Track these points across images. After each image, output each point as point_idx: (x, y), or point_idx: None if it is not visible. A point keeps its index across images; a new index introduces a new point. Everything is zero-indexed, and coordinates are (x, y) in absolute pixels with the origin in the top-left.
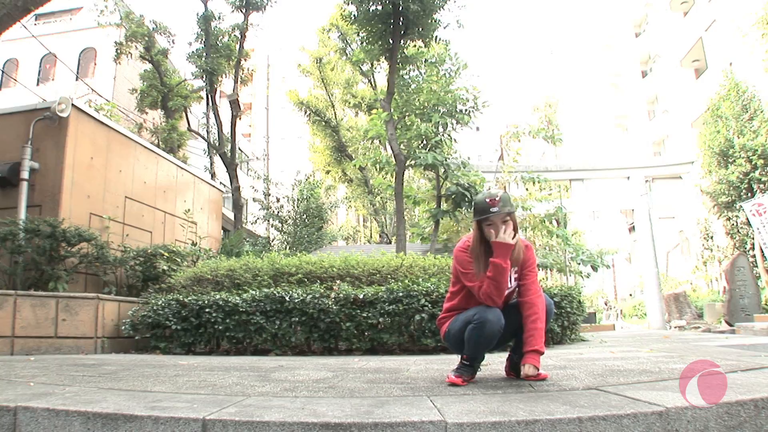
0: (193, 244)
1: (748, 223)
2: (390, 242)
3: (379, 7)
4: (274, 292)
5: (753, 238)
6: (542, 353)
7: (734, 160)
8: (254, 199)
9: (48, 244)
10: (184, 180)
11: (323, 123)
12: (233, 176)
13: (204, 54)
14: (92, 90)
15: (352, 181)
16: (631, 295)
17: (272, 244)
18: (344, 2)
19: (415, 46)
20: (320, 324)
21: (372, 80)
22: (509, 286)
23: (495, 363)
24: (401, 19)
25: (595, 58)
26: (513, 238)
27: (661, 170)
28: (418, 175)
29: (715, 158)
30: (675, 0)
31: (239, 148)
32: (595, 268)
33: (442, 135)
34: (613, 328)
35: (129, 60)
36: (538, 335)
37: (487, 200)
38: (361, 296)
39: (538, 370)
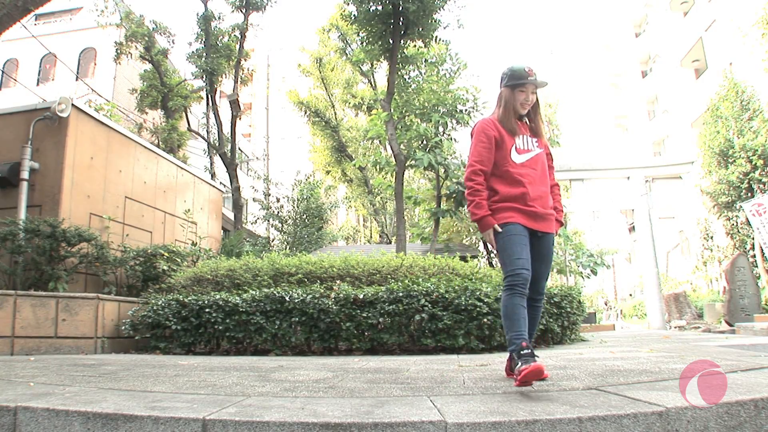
0: (193, 244)
1: (748, 223)
2: (390, 242)
3: (379, 7)
4: (274, 292)
5: (753, 238)
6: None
7: (734, 161)
8: (254, 199)
9: (48, 244)
10: (184, 180)
11: (323, 123)
12: (233, 176)
13: (204, 54)
14: (92, 90)
15: (352, 181)
16: (631, 295)
17: (272, 244)
18: (344, 2)
19: (415, 46)
20: (320, 324)
21: (372, 80)
22: (531, 149)
23: (495, 363)
24: (401, 19)
25: (595, 58)
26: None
27: (661, 170)
28: (418, 175)
29: (715, 158)
30: (675, 0)
31: (239, 148)
32: (594, 272)
33: (442, 135)
34: (613, 328)
35: (129, 60)
36: (561, 210)
37: (527, 69)
38: (361, 296)
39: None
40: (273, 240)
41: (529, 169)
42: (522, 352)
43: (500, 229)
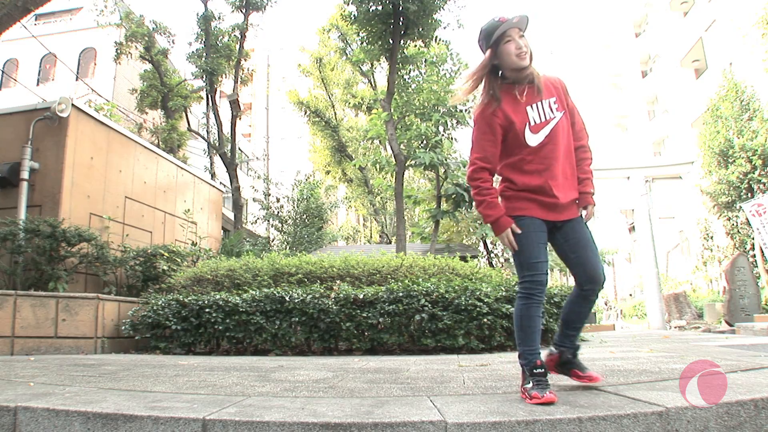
0: (193, 244)
1: (748, 224)
2: (390, 242)
3: (379, 7)
4: (274, 292)
5: (753, 239)
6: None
7: (734, 161)
8: (254, 199)
9: (48, 244)
10: (184, 180)
11: (323, 123)
12: (233, 176)
13: (204, 54)
14: (92, 90)
15: (352, 181)
16: (631, 295)
17: (272, 244)
18: (344, 2)
19: (415, 46)
20: (320, 324)
21: (372, 80)
22: (552, 116)
23: (495, 363)
24: (401, 19)
25: (595, 58)
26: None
27: (661, 170)
28: (418, 175)
29: (715, 158)
30: (675, 0)
31: (239, 148)
32: None
33: (442, 135)
34: (613, 328)
35: (129, 60)
36: (591, 180)
37: (497, 18)
38: (361, 296)
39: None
40: (273, 240)
41: (550, 146)
42: (535, 371)
43: (519, 230)
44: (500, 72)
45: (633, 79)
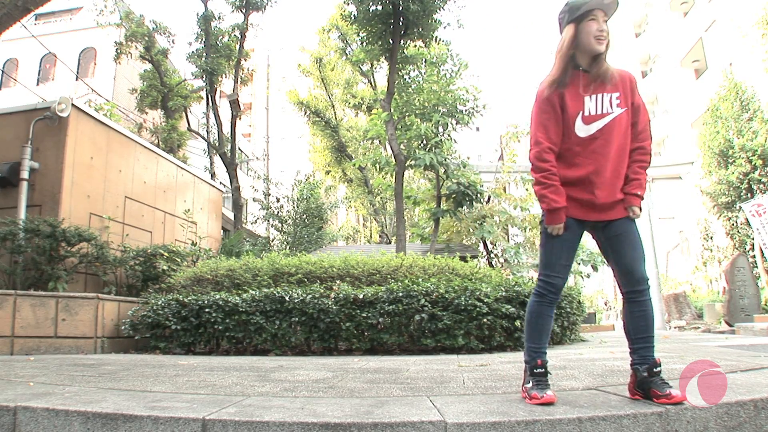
0: (193, 244)
1: (748, 224)
2: (390, 242)
3: (379, 7)
4: (274, 292)
5: (753, 239)
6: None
7: (734, 161)
8: (254, 199)
9: (48, 244)
10: (184, 180)
11: (323, 123)
12: (233, 176)
13: (204, 54)
14: (92, 90)
15: (352, 181)
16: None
17: (272, 244)
18: (344, 2)
19: (415, 46)
20: (320, 324)
21: (372, 80)
22: (610, 111)
23: (495, 363)
24: (401, 19)
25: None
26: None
27: (661, 170)
28: (418, 175)
29: (714, 158)
30: (675, 0)
31: (239, 148)
32: (595, 268)
33: (442, 135)
34: (613, 328)
35: (129, 60)
36: (641, 183)
37: None
38: (361, 296)
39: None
40: (273, 240)
41: (601, 141)
42: (536, 371)
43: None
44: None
45: None
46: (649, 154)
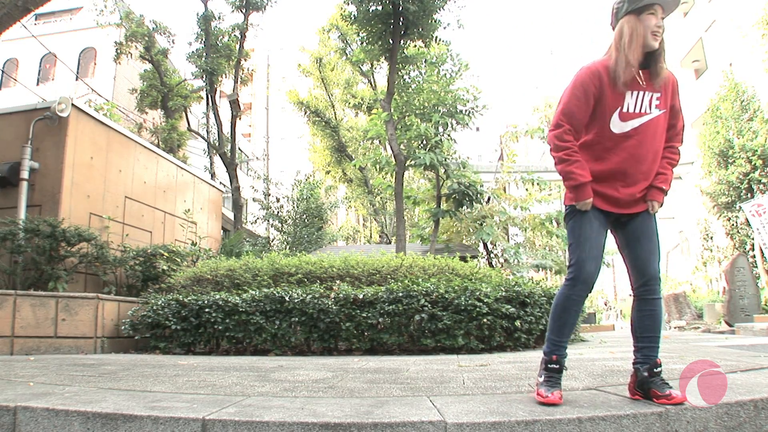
0: (193, 244)
1: (748, 224)
2: (390, 242)
3: (379, 8)
4: (274, 292)
5: (753, 239)
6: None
7: (734, 161)
8: (254, 199)
9: (48, 243)
10: (184, 180)
11: (323, 123)
12: (233, 176)
13: (204, 54)
14: (92, 90)
15: (352, 181)
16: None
17: (272, 244)
18: (344, 2)
19: (415, 46)
20: (320, 324)
21: (372, 80)
22: (648, 111)
23: (495, 363)
24: (401, 19)
25: (595, 59)
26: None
27: None
28: (418, 175)
29: (714, 159)
30: None
31: (239, 148)
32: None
33: (442, 135)
34: (613, 328)
35: (129, 60)
36: (668, 179)
37: None
38: (361, 296)
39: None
40: (273, 240)
41: (634, 139)
42: (549, 366)
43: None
44: None
45: None
46: (679, 154)
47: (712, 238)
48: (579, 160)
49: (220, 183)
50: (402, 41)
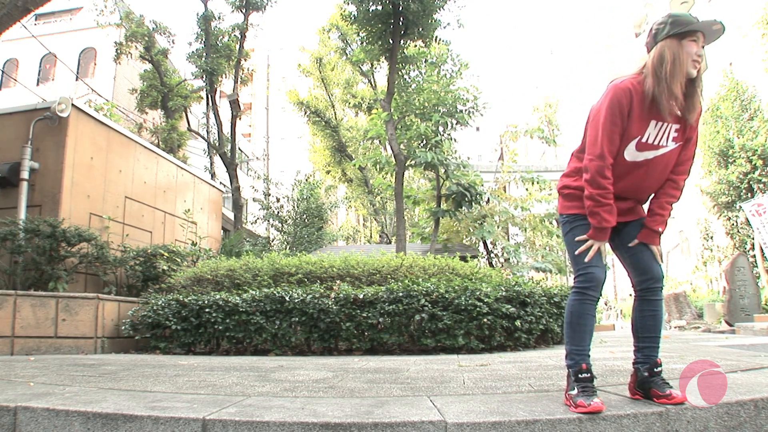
0: (193, 244)
1: (748, 223)
2: (390, 242)
3: (379, 7)
4: (274, 292)
5: (753, 238)
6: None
7: (734, 161)
8: (254, 199)
9: (48, 244)
10: (184, 180)
11: (323, 123)
12: (233, 176)
13: (204, 54)
14: (92, 90)
15: (352, 181)
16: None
17: (272, 244)
18: (344, 2)
19: (415, 46)
20: (320, 324)
21: (372, 80)
22: (665, 144)
23: (495, 363)
24: (401, 19)
25: (595, 58)
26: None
27: None
28: (418, 175)
29: (715, 158)
30: (675, 0)
31: (239, 148)
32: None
33: (442, 135)
34: (613, 328)
35: (129, 60)
36: (665, 219)
37: (693, 16)
38: (361, 296)
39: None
40: (273, 240)
41: (643, 170)
42: (581, 376)
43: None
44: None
45: None
46: (681, 190)
47: (712, 237)
48: (610, 204)
49: (220, 183)
50: (402, 41)
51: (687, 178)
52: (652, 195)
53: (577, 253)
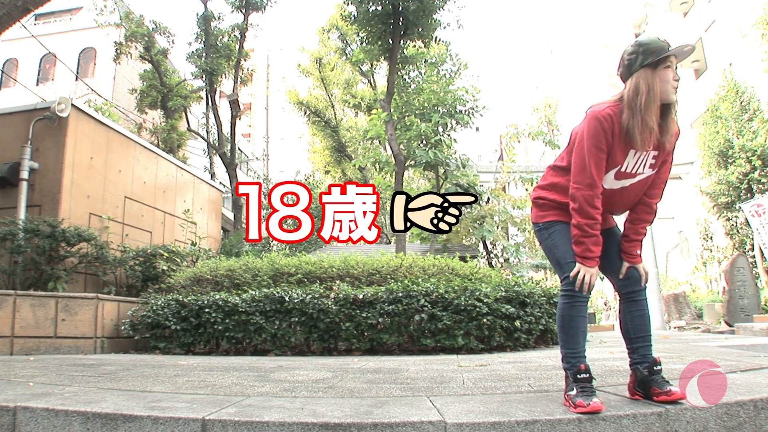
0: (193, 244)
1: (748, 224)
2: (390, 242)
3: (379, 8)
4: (274, 292)
5: (752, 239)
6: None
7: (734, 161)
8: None
9: (47, 244)
10: (183, 180)
11: (323, 123)
12: (233, 176)
13: (204, 54)
14: (92, 90)
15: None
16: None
17: (272, 244)
18: (344, 2)
19: (415, 46)
20: (320, 324)
21: (372, 80)
22: (641, 172)
23: (494, 363)
24: (401, 19)
25: (595, 58)
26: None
27: None
28: (417, 175)
29: (714, 159)
30: (675, 0)
31: (239, 148)
32: None
33: (442, 135)
34: (613, 328)
35: (129, 60)
36: (641, 241)
37: (662, 39)
38: (361, 296)
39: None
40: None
41: (618, 195)
42: (579, 377)
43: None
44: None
45: None
46: (655, 213)
47: (711, 238)
48: (597, 235)
49: (220, 183)
50: (402, 41)
51: (660, 201)
52: (627, 212)
53: (555, 255)
